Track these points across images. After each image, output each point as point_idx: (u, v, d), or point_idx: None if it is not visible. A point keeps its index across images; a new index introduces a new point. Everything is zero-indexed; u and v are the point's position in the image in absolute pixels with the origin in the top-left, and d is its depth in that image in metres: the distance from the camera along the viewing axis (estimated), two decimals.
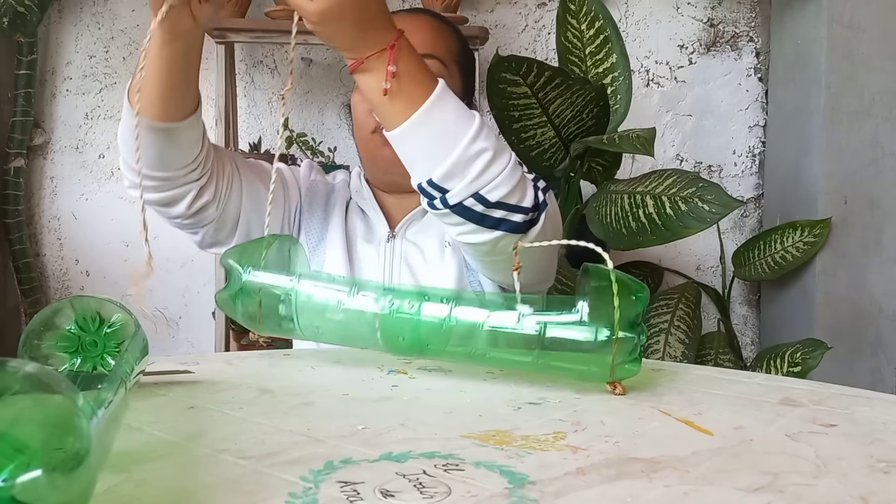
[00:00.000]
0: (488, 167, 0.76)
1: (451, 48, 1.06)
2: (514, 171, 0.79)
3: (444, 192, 0.78)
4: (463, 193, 0.77)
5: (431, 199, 0.79)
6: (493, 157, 0.77)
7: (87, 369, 0.61)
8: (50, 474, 0.30)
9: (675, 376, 0.72)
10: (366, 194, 1.08)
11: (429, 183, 0.78)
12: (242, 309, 0.71)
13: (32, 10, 1.83)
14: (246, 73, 2.11)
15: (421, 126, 0.76)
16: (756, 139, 2.24)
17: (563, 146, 1.74)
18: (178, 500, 0.40)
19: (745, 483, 0.43)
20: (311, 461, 0.45)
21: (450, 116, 0.76)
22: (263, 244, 0.72)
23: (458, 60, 1.07)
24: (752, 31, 2.22)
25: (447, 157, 0.76)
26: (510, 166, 0.78)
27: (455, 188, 0.77)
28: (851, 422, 0.56)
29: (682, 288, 1.98)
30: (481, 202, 0.77)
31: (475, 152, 0.76)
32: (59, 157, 2.08)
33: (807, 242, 1.92)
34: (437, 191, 0.78)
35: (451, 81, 1.04)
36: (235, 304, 0.71)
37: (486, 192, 0.77)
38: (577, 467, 0.45)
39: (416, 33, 1.03)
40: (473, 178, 0.76)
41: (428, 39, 1.03)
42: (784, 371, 1.74)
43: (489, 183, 0.77)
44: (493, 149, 0.77)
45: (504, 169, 0.77)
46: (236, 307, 0.71)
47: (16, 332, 2.04)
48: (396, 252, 1.03)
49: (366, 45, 0.74)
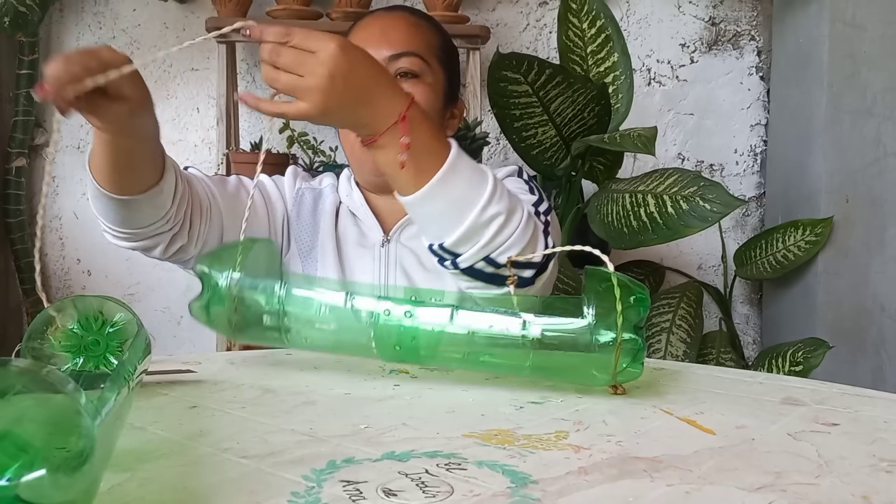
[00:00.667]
0: (500, 231, 0.76)
1: (430, 43, 1.04)
2: (526, 229, 0.78)
3: (455, 255, 0.77)
4: (474, 258, 0.77)
5: (442, 260, 0.78)
6: (506, 220, 0.76)
7: (89, 369, 0.61)
8: (54, 474, 0.30)
9: (676, 376, 0.72)
10: (356, 198, 1.06)
11: (440, 247, 0.78)
12: (219, 318, 0.67)
13: (34, 10, 1.83)
14: (247, 73, 2.11)
15: (434, 194, 0.75)
16: (758, 138, 2.23)
17: (565, 145, 1.73)
18: (181, 499, 0.40)
19: (747, 482, 0.43)
20: (313, 460, 0.45)
21: (463, 183, 0.75)
22: (238, 249, 0.68)
23: (438, 55, 1.05)
24: (754, 29, 2.22)
25: (460, 225, 0.75)
26: (522, 225, 0.77)
27: (466, 253, 0.77)
28: (853, 421, 0.56)
29: (683, 287, 1.98)
30: (492, 264, 0.77)
31: (488, 218, 0.75)
32: (61, 156, 2.08)
33: (808, 241, 1.92)
34: (449, 255, 0.78)
35: (432, 77, 1.03)
36: (210, 312, 0.67)
37: (497, 255, 0.77)
38: (580, 467, 0.45)
39: (392, 31, 1.02)
40: (485, 243, 0.76)
41: (405, 36, 1.02)
42: (786, 370, 1.73)
43: (500, 246, 0.76)
44: (505, 211, 0.76)
45: (516, 230, 0.77)
46: (211, 316, 0.67)
47: (18, 332, 2.05)
48: (391, 257, 1.02)
49: (377, 122, 0.73)
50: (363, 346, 0.66)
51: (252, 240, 0.71)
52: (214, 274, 0.67)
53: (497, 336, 0.63)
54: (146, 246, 0.91)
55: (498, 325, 0.63)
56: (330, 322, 0.66)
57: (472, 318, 0.63)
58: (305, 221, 1.04)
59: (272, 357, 0.78)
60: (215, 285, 0.67)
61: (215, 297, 0.67)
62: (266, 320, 0.67)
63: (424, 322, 0.64)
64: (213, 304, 0.67)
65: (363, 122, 0.73)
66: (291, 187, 1.07)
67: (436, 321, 0.64)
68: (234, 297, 0.66)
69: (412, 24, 1.04)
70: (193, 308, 0.69)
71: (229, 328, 0.68)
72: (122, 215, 0.86)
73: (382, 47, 1.00)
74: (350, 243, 1.03)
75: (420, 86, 1.01)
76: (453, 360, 0.65)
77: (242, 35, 0.72)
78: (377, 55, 1.00)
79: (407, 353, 0.65)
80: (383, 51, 1.00)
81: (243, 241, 0.70)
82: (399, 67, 1.00)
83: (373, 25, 1.04)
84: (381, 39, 1.01)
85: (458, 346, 0.64)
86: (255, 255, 0.69)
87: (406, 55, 1.00)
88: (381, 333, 0.64)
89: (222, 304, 0.67)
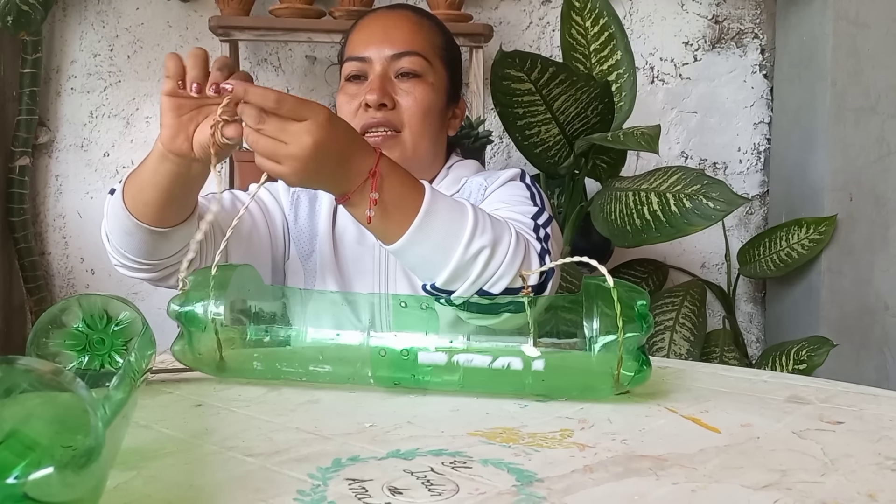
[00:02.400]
0: (488, 264, 0.76)
1: (433, 42, 1.04)
2: (515, 255, 0.78)
3: (448, 293, 0.78)
4: (467, 293, 0.77)
5: (437, 298, 0.78)
6: (492, 251, 0.76)
7: (94, 367, 0.61)
8: (61, 471, 0.30)
9: (680, 374, 0.72)
10: None
11: (433, 287, 0.78)
12: (205, 357, 0.64)
13: (36, 9, 1.83)
14: (250, 71, 2.11)
15: (415, 241, 0.75)
16: (761, 136, 2.23)
17: (568, 143, 1.73)
18: (187, 496, 0.40)
19: (752, 480, 0.43)
20: (319, 459, 0.45)
21: (442, 225, 0.76)
22: (211, 278, 0.65)
23: (441, 55, 1.04)
24: (758, 27, 2.22)
25: (446, 266, 0.76)
26: (510, 252, 0.77)
27: (459, 290, 0.77)
28: (858, 419, 0.56)
29: (686, 285, 1.97)
30: (486, 296, 0.77)
31: (473, 254, 0.75)
32: (64, 155, 2.08)
33: (812, 240, 1.92)
34: (442, 293, 0.78)
35: (434, 77, 1.02)
36: (193, 350, 0.64)
37: (490, 287, 0.77)
38: (585, 465, 0.45)
39: (395, 30, 1.02)
40: (474, 279, 0.76)
41: (407, 36, 1.01)
42: (789, 369, 1.73)
43: (490, 278, 0.76)
44: (489, 244, 0.76)
45: (504, 259, 0.77)
46: (196, 354, 0.64)
47: (22, 331, 2.05)
48: (391, 256, 1.00)
49: (349, 181, 0.73)
50: (361, 377, 0.64)
51: (230, 266, 0.69)
52: (199, 311, 0.64)
53: (498, 370, 0.61)
54: (163, 276, 0.91)
55: (499, 363, 0.61)
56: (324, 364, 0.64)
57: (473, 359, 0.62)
58: (303, 225, 1.03)
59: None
60: (195, 322, 0.64)
61: (196, 335, 0.64)
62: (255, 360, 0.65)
63: (423, 362, 0.62)
64: (194, 343, 0.64)
65: (337, 184, 0.74)
66: (287, 192, 1.06)
67: (435, 361, 0.62)
68: (217, 331, 0.63)
69: (415, 22, 1.04)
70: (176, 352, 0.66)
71: (216, 368, 0.65)
72: (151, 248, 0.86)
73: (385, 46, 1.00)
74: (349, 243, 1.01)
75: (422, 85, 1.00)
76: (453, 386, 0.63)
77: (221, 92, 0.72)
78: (379, 54, 1.00)
79: (407, 384, 0.64)
80: (385, 50, 0.99)
81: (219, 268, 0.66)
82: (401, 67, 0.99)
83: (375, 24, 1.03)
84: (383, 38, 1.00)
85: (456, 380, 0.62)
86: (236, 282, 0.66)
87: (408, 54, 1.00)
88: (379, 368, 0.63)
89: (206, 342, 0.64)
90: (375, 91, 0.97)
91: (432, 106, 1.01)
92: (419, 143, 1.00)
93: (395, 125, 0.98)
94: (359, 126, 0.97)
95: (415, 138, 0.99)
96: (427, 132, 1.01)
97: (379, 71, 0.99)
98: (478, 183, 1.02)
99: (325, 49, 2.12)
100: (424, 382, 0.63)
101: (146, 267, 0.89)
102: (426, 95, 1.00)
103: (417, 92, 1.00)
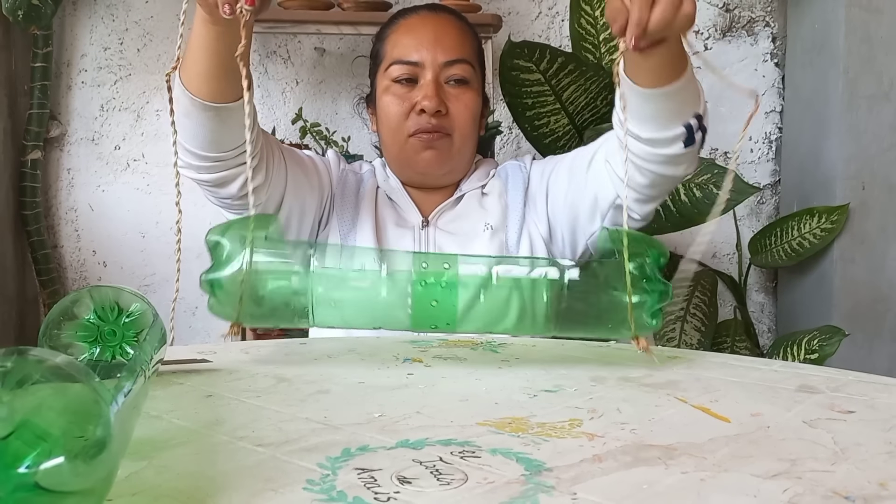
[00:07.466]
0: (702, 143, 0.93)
1: (474, 48, 1.09)
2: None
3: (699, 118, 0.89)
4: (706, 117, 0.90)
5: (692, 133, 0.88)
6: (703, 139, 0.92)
7: (105, 358, 0.62)
8: (72, 461, 0.30)
9: (691, 364, 0.72)
10: (394, 184, 1.09)
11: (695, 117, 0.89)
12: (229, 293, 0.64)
13: (47, 3, 1.84)
14: (259, 64, 2.12)
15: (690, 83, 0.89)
16: (773, 125, 2.22)
17: (577, 133, 1.73)
18: (197, 485, 0.40)
19: (762, 469, 0.43)
20: (328, 448, 0.46)
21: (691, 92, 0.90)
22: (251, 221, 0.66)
23: (479, 59, 1.10)
24: (769, 15, 2.20)
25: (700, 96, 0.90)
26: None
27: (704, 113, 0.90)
28: (870, 408, 0.56)
29: (697, 275, 1.97)
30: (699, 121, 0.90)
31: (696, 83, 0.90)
32: (76, 148, 2.09)
33: (824, 229, 1.90)
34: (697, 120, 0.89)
35: (477, 82, 1.08)
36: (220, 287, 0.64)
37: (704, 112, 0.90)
38: (594, 454, 0.45)
39: (445, 37, 1.06)
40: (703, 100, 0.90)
41: (456, 43, 1.06)
42: (801, 358, 1.73)
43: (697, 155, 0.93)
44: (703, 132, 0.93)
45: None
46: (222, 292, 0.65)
47: (35, 323, 2.07)
48: (430, 239, 1.05)
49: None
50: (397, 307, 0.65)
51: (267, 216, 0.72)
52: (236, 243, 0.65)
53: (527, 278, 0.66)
54: (227, 178, 0.91)
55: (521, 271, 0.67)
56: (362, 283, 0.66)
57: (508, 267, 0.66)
58: (349, 201, 1.07)
59: (286, 347, 0.79)
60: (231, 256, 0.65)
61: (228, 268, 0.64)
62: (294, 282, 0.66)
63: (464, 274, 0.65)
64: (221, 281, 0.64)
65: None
66: (337, 168, 1.10)
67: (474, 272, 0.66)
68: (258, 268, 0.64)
69: (460, 29, 1.08)
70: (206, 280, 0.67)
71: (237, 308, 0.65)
72: (212, 130, 0.87)
73: (437, 53, 1.04)
74: (389, 224, 1.06)
75: (469, 92, 1.06)
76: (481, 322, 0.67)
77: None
78: (432, 60, 1.04)
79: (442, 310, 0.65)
80: (438, 56, 1.04)
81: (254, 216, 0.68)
82: (453, 74, 1.04)
83: (424, 28, 1.07)
84: (435, 45, 1.04)
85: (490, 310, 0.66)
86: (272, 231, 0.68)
87: (459, 62, 1.05)
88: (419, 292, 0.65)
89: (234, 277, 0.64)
90: (432, 98, 1.02)
91: (477, 110, 1.08)
92: (465, 145, 1.07)
93: (448, 130, 1.04)
94: (412, 128, 1.03)
95: (463, 140, 1.06)
96: (472, 135, 1.08)
97: (431, 77, 1.04)
98: (514, 165, 1.11)
99: (334, 41, 2.11)
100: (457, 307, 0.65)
101: (210, 162, 0.89)
102: (474, 101, 1.06)
103: (467, 98, 1.06)
